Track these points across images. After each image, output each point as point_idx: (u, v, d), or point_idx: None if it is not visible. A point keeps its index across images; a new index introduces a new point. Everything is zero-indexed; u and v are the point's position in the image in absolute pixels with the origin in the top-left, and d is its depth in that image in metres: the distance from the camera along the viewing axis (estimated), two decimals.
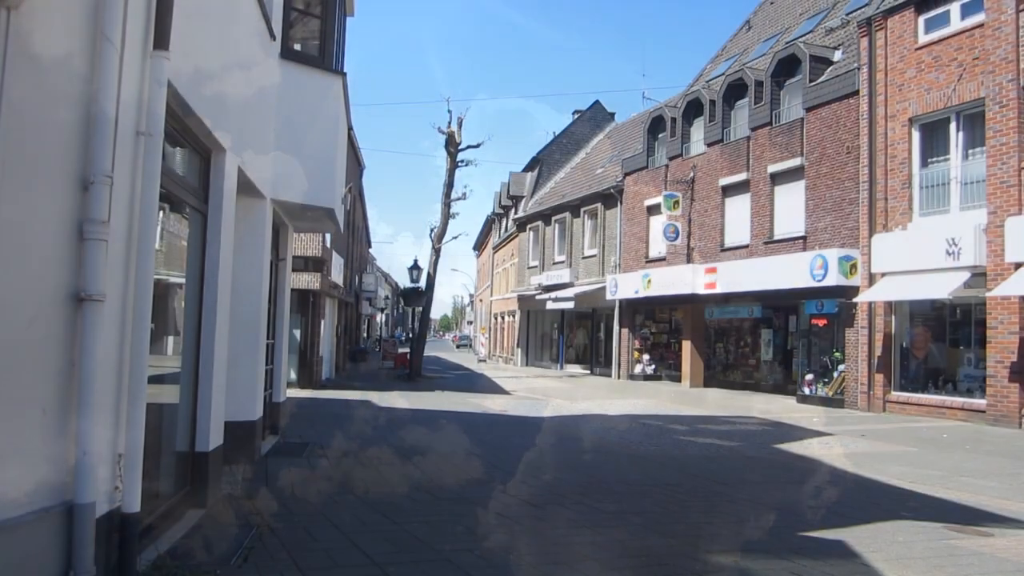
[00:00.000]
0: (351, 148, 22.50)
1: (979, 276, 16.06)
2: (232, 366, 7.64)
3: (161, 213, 5.19)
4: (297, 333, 20.83)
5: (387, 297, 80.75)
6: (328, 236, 21.48)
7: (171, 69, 4.68)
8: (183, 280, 6.43)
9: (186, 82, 5.22)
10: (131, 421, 4.42)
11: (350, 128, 16.94)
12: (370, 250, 56.54)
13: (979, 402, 16.18)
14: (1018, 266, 15.22)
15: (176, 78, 4.87)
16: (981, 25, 16.48)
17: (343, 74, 10.76)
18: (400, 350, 36.29)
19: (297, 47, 10.65)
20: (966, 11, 17.10)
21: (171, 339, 6.41)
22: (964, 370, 17.22)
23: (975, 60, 16.60)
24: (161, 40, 4.57)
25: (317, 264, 21.12)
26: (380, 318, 78.46)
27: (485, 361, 48.77)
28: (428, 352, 39.15)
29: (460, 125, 28.87)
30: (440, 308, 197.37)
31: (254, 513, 6.61)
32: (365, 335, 56.39)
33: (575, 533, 6.36)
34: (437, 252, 29.58)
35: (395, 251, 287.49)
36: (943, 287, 16.37)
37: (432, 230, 29.84)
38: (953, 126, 17.34)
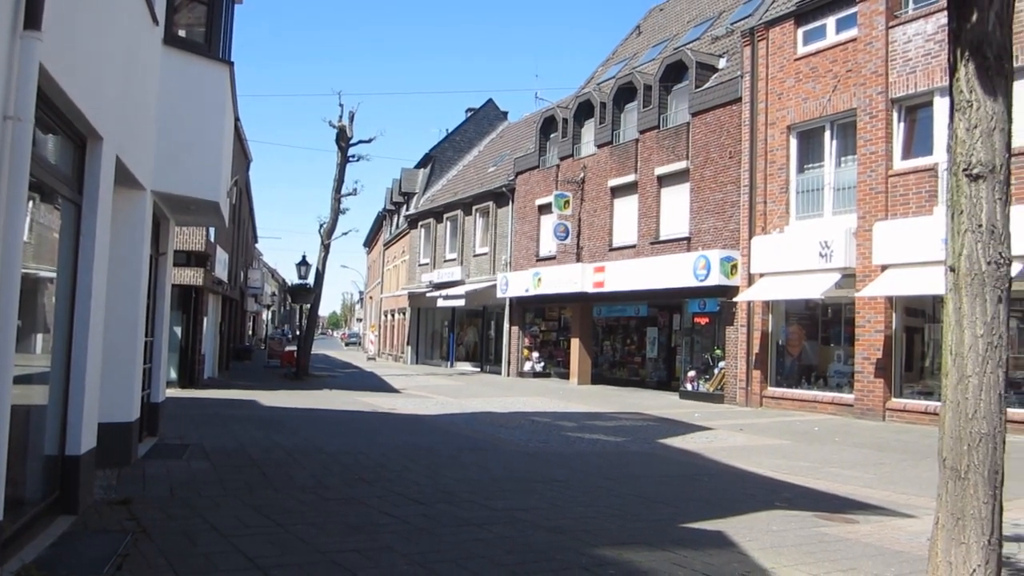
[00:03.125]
0: (238, 140, 21.84)
1: (849, 277, 16.96)
2: (107, 365, 7.31)
3: (31, 203, 4.91)
4: (178, 330, 20.07)
5: (274, 294, 78.88)
6: (212, 230, 20.79)
7: (43, 51, 4.43)
8: (54, 274, 6.11)
9: (60, 65, 4.94)
10: None
11: (237, 119, 16.44)
12: (257, 245, 55.07)
13: (848, 397, 17.08)
14: (884, 268, 16.14)
15: (49, 60, 4.61)
16: (854, 40, 17.39)
17: (230, 63, 10.43)
18: (287, 348, 35.49)
19: (182, 34, 10.26)
20: (841, 26, 18.02)
21: (40, 337, 6.07)
22: (834, 366, 18.15)
23: (848, 72, 17.50)
24: (32, 20, 4.32)
25: (200, 259, 20.43)
26: (266, 315, 76.56)
27: (375, 359, 48.26)
28: (316, 350, 38.44)
29: (351, 120, 28.49)
30: (329, 305, 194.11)
31: (129, 519, 6.34)
32: (251, 333, 54.92)
33: (463, 530, 6.38)
34: (326, 248, 29.08)
35: (283, 246, 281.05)
36: (816, 287, 17.19)
37: (321, 225, 29.33)
38: (827, 134, 18.24)
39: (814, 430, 14.78)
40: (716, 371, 20.90)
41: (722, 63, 22.66)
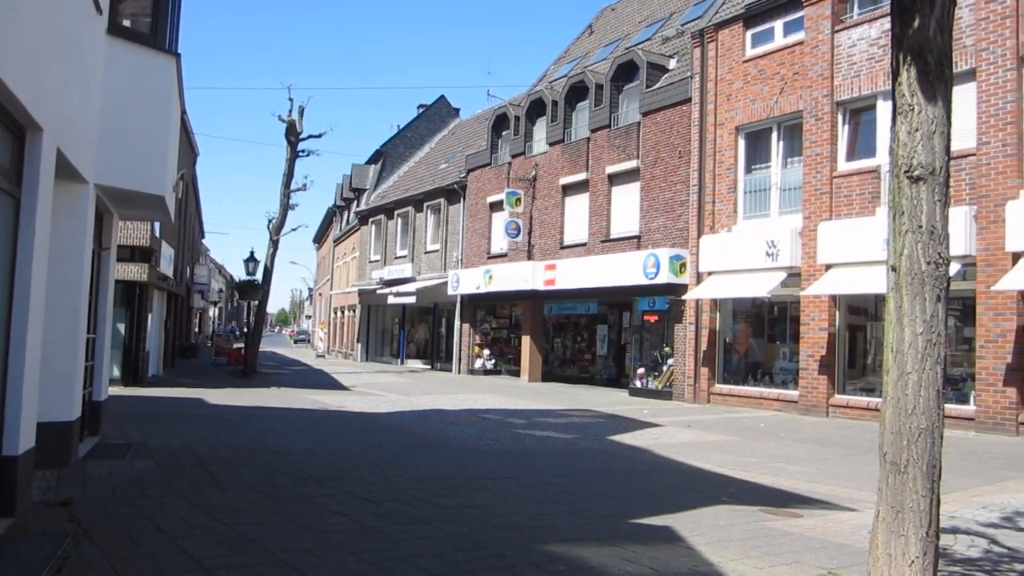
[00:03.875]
0: (184, 133, 21.41)
1: (794, 276, 17.28)
2: (46, 362, 7.12)
3: None
4: (121, 327, 19.63)
5: (221, 290, 77.60)
6: (158, 225, 20.37)
7: None
8: None
9: None
10: None
11: (184, 112, 16.12)
12: (203, 241, 54.12)
13: (792, 393, 17.41)
14: (828, 267, 16.48)
15: None
16: (801, 43, 17.72)
17: (177, 54, 10.22)
18: (234, 345, 34.94)
19: (127, 23, 10.02)
20: (788, 29, 18.34)
21: None
22: (780, 363, 18.48)
23: (795, 75, 17.82)
24: None
25: (145, 254, 20.00)
26: (213, 312, 75.31)
27: (324, 357, 47.80)
28: (264, 347, 37.93)
29: (302, 114, 28.15)
30: (277, 302, 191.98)
31: (69, 520, 6.18)
32: (197, 330, 54.00)
33: (413, 528, 6.35)
34: (275, 244, 28.69)
35: (231, 242, 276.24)
36: (762, 286, 17.49)
37: (270, 221, 28.91)
38: (775, 136, 18.55)
39: (760, 426, 15.03)
40: (665, 368, 21.13)
41: (672, 64, 22.90)
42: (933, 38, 4.02)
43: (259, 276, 29.09)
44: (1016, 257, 13.46)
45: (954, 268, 14.92)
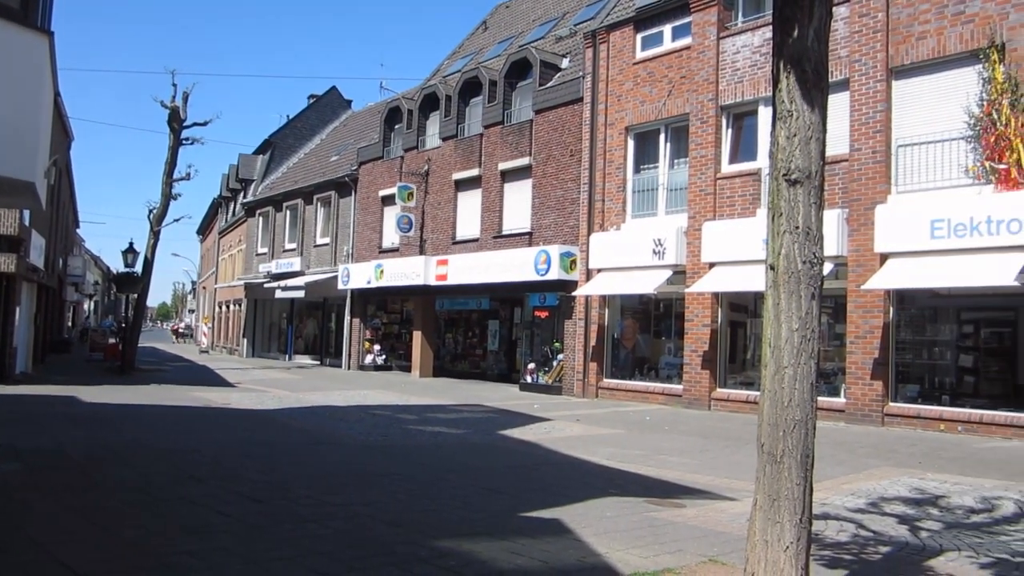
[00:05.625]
0: (58, 116, 20.30)
1: (680, 274, 17.80)
2: None
3: None
4: None
5: (97, 283, 74.09)
6: (27, 213, 19.26)
7: None
8: None
9: None
10: None
11: (57, 94, 15.29)
12: (78, 231, 51.50)
13: (677, 387, 17.95)
14: (712, 266, 17.04)
15: None
16: (688, 48, 18.24)
17: (50, 33, 9.68)
18: (111, 340, 33.41)
19: None
20: (676, 33, 18.85)
21: None
22: (665, 358, 19.02)
23: (682, 79, 18.34)
24: None
25: (13, 244, 18.87)
26: (88, 305, 71.84)
27: (208, 352, 46.26)
28: (144, 343, 36.40)
29: (186, 100, 27.12)
30: (158, 295, 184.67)
31: None
32: (70, 324, 51.37)
33: (301, 527, 6.24)
34: (156, 235, 27.55)
35: (108, 232, 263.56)
36: (649, 283, 17.93)
37: (151, 211, 27.74)
38: (662, 137, 19.05)
39: (646, 419, 15.43)
40: (555, 363, 21.41)
41: (565, 63, 23.20)
42: (811, 47, 4.22)
43: (138, 268, 27.89)
44: (884, 258, 14.27)
45: (827, 268, 15.60)
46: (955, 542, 6.29)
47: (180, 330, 74.56)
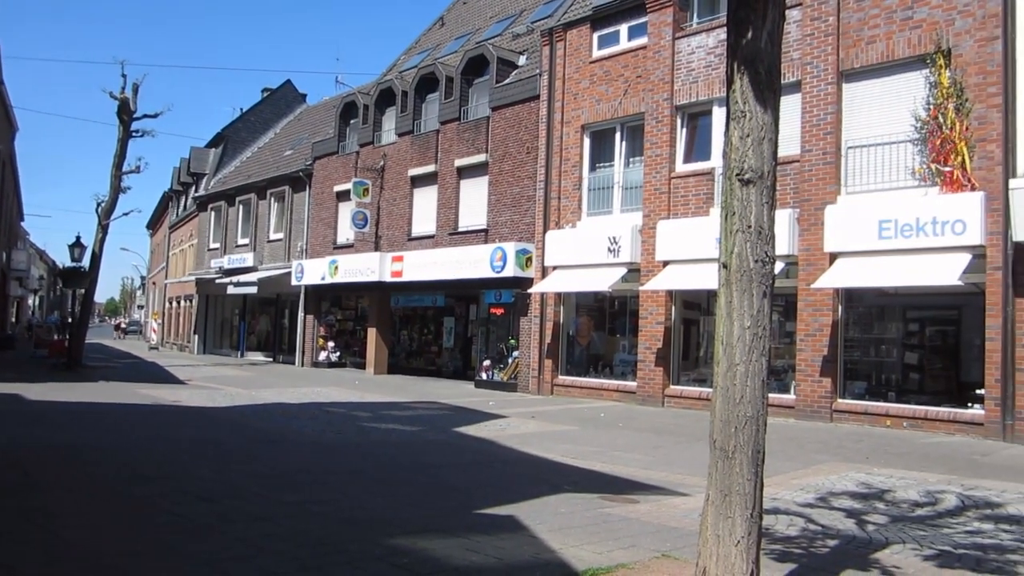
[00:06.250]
0: (2, 106, 19.81)
1: (634, 272, 17.94)
2: None
3: None
4: None
5: (42, 277, 72.33)
6: None
7: None
8: None
9: None
10: None
11: (1, 83, 14.89)
12: (22, 223, 50.20)
13: (631, 384, 18.09)
14: (666, 264, 17.20)
15: None
16: (644, 47, 18.38)
17: None
18: (57, 336, 32.60)
19: None
20: (633, 33, 18.98)
21: None
22: (620, 355, 19.16)
23: (638, 78, 18.48)
24: None
25: None
26: (33, 300, 70.10)
27: (158, 349, 45.45)
28: (92, 339, 35.68)
29: (136, 92, 26.55)
30: (107, 291, 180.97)
31: None
32: (14, 320, 50.08)
33: (253, 526, 6.16)
34: (104, 229, 26.94)
35: (54, 226, 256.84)
36: (604, 281, 18.04)
37: (99, 204, 27.11)
38: (618, 136, 19.18)
39: (600, 416, 15.53)
40: (510, 360, 21.44)
41: (522, 60, 23.22)
42: (764, 49, 4.28)
43: (86, 263, 27.28)
44: (833, 257, 14.54)
45: (778, 266, 15.93)
46: (900, 535, 6.44)
47: (123, 326, 73.19)
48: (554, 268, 19.82)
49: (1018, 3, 12.76)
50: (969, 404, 13.17)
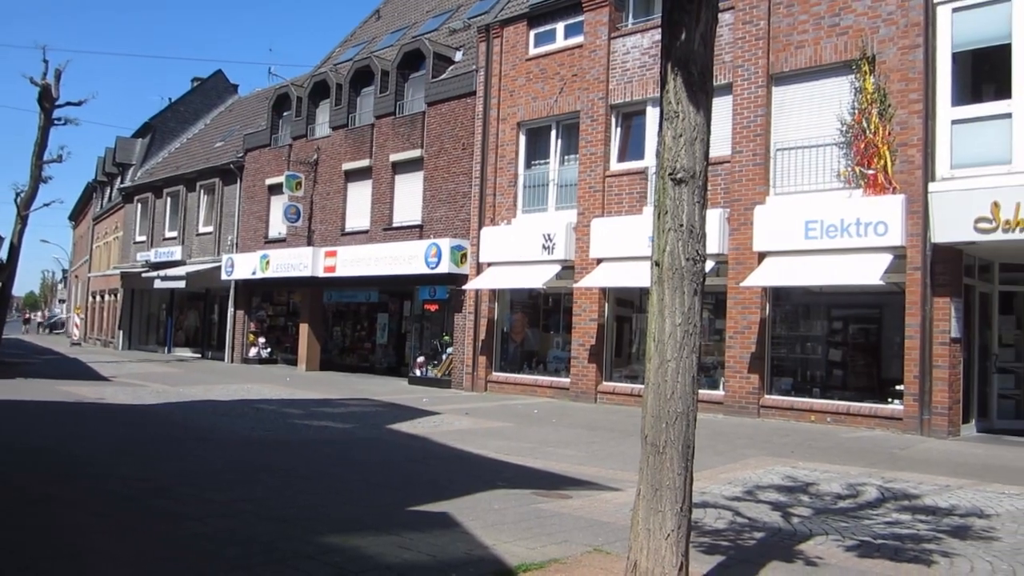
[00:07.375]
0: None
1: (568, 269, 18.06)
2: None
3: None
4: None
5: None
6: None
7: None
8: None
9: None
10: None
11: None
12: None
13: (564, 380, 18.22)
14: (600, 261, 17.36)
15: None
16: (580, 46, 18.50)
17: None
18: None
19: None
20: (569, 32, 19.09)
21: None
22: (553, 352, 19.28)
23: (574, 76, 18.60)
24: None
25: None
26: None
27: (80, 344, 44.01)
28: (9, 334, 34.36)
29: (58, 78, 25.64)
30: (26, 284, 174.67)
31: None
32: None
33: (180, 526, 6.03)
34: (24, 220, 26.01)
35: None
36: (538, 278, 18.13)
37: (18, 194, 26.17)
38: (554, 133, 19.28)
39: (534, 412, 15.61)
40: (444, 357, 21.39)
41: (458, 56, 23.15)
42: (697, 51, 4.35)
43: (3, 255, 26.28)
44: (761, 256, 14.87)
45: (709, 265, 16.21)
46: (823, 526, 6.64)
47: (40, 320, 70.48)
48: (489, 265, 19.82)
49: (939, 13, 13.24)
50: (889, 400, 13.64)
